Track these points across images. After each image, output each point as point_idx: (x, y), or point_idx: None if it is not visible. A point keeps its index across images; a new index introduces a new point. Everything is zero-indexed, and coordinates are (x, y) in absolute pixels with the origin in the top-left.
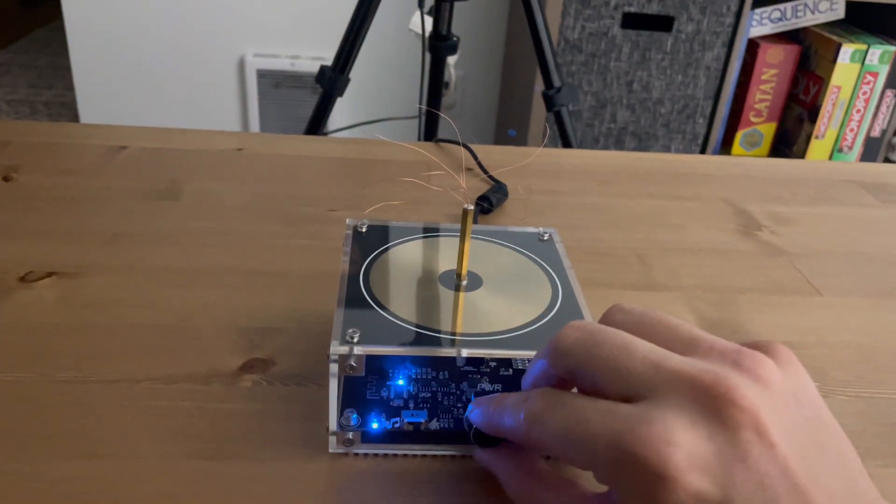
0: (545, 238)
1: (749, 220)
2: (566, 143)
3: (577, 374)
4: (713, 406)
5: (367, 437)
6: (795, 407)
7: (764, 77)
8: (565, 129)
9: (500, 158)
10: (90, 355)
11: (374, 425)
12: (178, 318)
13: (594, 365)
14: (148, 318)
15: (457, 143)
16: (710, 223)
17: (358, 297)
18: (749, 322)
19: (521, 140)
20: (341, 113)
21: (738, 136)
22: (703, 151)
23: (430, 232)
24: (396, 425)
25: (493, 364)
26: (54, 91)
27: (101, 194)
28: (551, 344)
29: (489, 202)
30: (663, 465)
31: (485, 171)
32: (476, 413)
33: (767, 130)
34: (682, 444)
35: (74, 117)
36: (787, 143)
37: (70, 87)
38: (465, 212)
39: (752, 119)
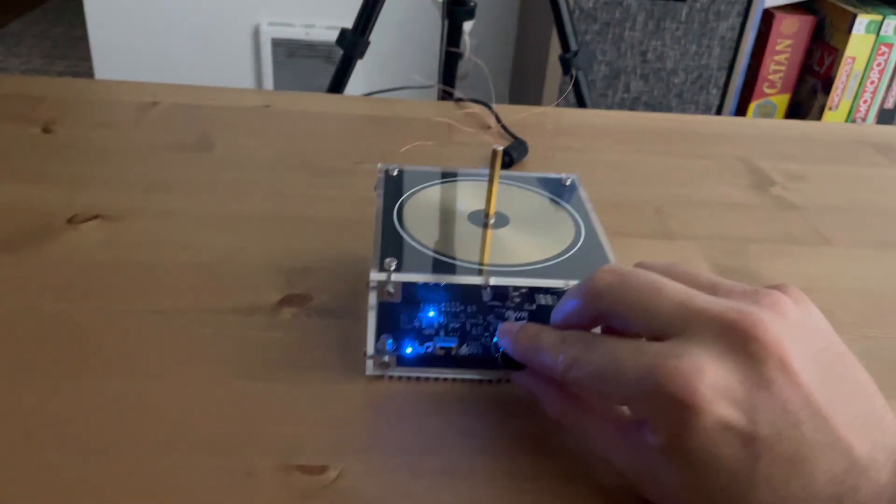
0: (568, 183)
1: (762, 176)
2: (582, 107)
3: (609, 314)
4: (738, 339)
5: (402, 361)
6: (812, 338)
7: (778, 48)
8: (582, 93)
9: (520, 117)
10: (138, 290)
11: (408, 350)
12: (218, 258)
13: (626, 306)
14: (190, 258)
15: (480, 102)
16: (724, 179)
17: (393, 231)
18: (761, 268)
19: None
20: (357, 80)
21: (752, 107)
22: None
23: (459, 176)
24: (429, 350)
25: (517, 299)
26: (68, 62)
27: (136, 146)
28: (585, 285)
29: (510, 157)
30: (690, 396)
31: (505, 129)
32: (506, 343)
33: (781, 102)
34: (708, 375)
35: None
36: (801, 114)
37: (84, 58)
38: (495, 153)
39: (766, 90)
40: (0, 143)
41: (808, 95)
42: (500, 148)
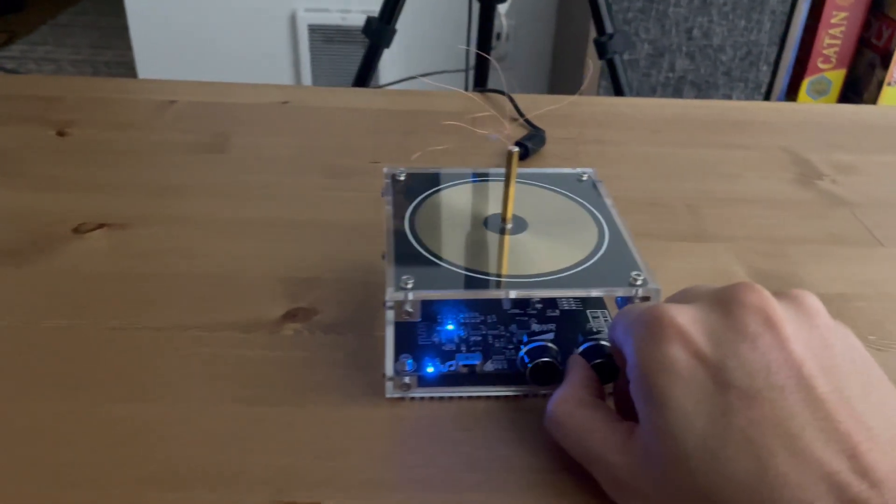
0: (584, 178)
1: (809, 168)
2: (619, 93)
3: None
4: (728, 303)
5: (424, 382)
6: (833, 341)
7: (833, 21)
8: (618, 79)
9: (548, 107)
10: (138, 304)
11: (430, 369)
12: (223, 268)
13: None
14: (193, 268)
15: (498, 91)
16: (766, 172)
17: (406, 243)
18: (804, 273)
19: (576, 91)
20: (392, 66)
21: (805, 83)
22: (766, 100)
23: (472, 177)
24: (452, 368)
25: (539, 306)
26: (115, 51)
27: (150, 148)
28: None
29: (525, 148)
30: (667, 319)
31: (521, 116)
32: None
33: (836, 77)
34: (690, 312)
35: (133, 76)
36: (857, 90)
37: (130, 47)
38: (511, 154)
39: (820, 66)
40: (14, 148)
41: (865, 70)
42: (516, 149)
